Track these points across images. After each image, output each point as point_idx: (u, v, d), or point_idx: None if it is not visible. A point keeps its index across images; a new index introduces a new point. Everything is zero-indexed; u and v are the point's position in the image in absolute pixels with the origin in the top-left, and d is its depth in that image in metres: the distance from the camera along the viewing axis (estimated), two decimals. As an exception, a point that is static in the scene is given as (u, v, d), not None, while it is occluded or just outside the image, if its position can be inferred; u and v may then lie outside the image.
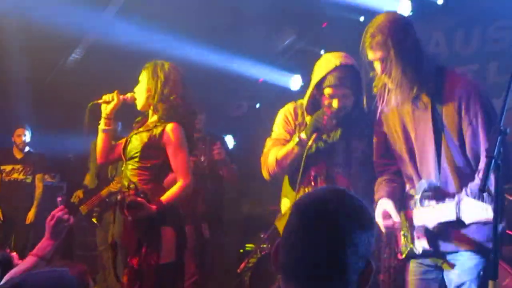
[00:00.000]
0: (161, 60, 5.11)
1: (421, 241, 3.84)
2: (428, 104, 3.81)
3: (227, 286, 7.06)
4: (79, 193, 8.20)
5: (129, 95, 5.07)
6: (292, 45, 9.33)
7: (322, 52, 8.49)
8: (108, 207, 7.87)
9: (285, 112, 4.64)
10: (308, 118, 4.47)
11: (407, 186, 4.06)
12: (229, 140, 9.35)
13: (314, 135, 4.32)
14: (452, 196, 3.69)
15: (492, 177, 2.90)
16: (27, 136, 9.11)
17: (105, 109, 5.06)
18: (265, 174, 4.60)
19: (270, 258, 2.13)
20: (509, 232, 6.45)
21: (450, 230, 3.71)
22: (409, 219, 3.94)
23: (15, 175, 9.09)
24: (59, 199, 8.44)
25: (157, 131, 4.93)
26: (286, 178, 4.62)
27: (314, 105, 4.46)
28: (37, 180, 9.07)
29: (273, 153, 4.50)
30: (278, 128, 4.63)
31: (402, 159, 4.00)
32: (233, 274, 7.24)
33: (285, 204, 4.59)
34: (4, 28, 8.12)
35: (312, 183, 4.41)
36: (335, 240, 1.96)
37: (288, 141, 4.48)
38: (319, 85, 4.40)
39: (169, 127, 4.93)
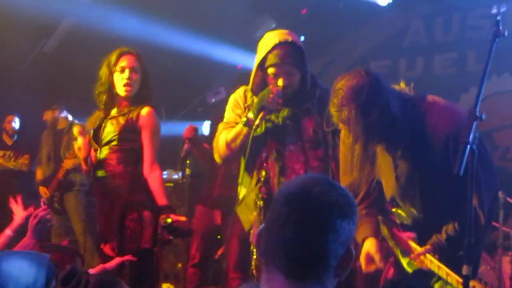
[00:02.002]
0: (129, 45, 5.10)
1: (411, 264, 3.87)
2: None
3: (204, 272, 7.09)
4: (44, 191, 8.26)
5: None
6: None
7: (302, 38, 8.53)
8: (68, 188, 7.93)
9: (235, 96, 4.58)
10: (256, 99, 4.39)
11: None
12: (207, 126, 9.39)
13: (261, 114, 4.24)
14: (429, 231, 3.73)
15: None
16: (16, 123, 9.11)
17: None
18: (217, 158, 4.55)
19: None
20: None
21: None
22: (396, 238, 3.94)
23: (7, 162, 9.09)
24: (43, 199, 8.46)
25: (133, 114, 4.92)
26: (242, 165, 4.54)
27: (262, 86, 4.38)
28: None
29: (223, 136, 4.44)
30: (229, 112, 4.57)
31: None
32: (211, 260, 7.28)
33: (242, 191, 4.52)
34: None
35: (264, 164, 4.37)
36: (316, 226, 1.99)
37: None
38: (262, 65, 4.34)
39: (145, 110, 4.92)
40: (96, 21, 8.21)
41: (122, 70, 4.89)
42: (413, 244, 3.78)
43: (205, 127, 9.17)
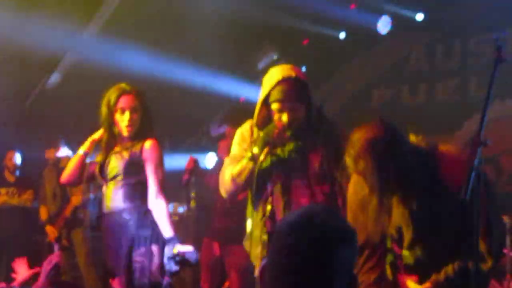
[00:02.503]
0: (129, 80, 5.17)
1: None
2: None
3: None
4: (52, 230, 8.25)
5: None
6: (273, 63, 9.44)
7: (303, 69, 8.59)
8: (76, 225, 7.94)
9: (242, 131, 4.56)
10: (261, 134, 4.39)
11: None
12: (212, 157, 9.44)
13: (265, 149, 4.23)
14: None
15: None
16: (18, 159, 9.11)
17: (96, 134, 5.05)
18: (223, 192, 4.51)
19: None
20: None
21: None
22: (399, 283, 3.95)
23: (11, 199, 9.11)
24: (56, 244, 8.46)
25: (136, 148, 4.97)
26: (249, 199, 4.52)
27: (267, 121, 4.37)
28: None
29: (228, 171, 4.43)
30: (235, 146, 4.55)
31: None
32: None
33: (249, 225, 4.49)
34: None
35: (269, 198, 4.33)
36: (321, 256, 2.04)
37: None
38: (267, 101, 4.32)
39: (148, 143, 4.96)
40: (99, 56, 8.29)
41: (123, 111, 4.91)
42: (413, 285, 3.78)
43: (208, 159, 9.21)
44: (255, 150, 4.29)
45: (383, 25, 8.88)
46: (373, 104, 9.47)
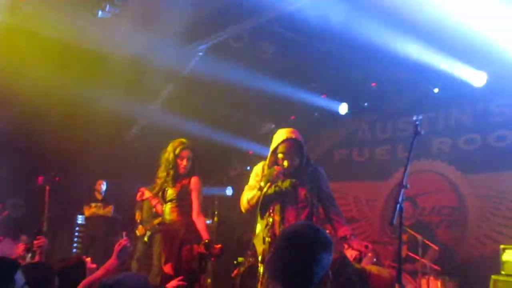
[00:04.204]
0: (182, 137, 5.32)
1: None
2: None
3: (225, 286, 7.07)
4: (141, 229, 8.24)
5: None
6: (271, 130, 9.56)
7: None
8: (158, 231, 7.95)
9: (256, 168, 4.63)
10: None
11: None
12: (229, 190, 9.48)
13: (268, 184, 4.33)
14: None
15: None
16: (104, 185, 9.18)
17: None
18: (242, 209, 4.59)
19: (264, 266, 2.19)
20: (410, 254, 6.59)
21: None
22: None
23: (98, 211, 9.12)
24: (124, 232, 8.41)
25: (185, 182, 5.09)
26: (258, 214, 4.53)
27: (274, 164, 4.48)
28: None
29: (245, 196, 4.51)
30: (251, 178, 4.62)
31: None
32: (229, 278, 7.27)
33: (258, 227, 4.53)
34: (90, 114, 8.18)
35: (271, 214, 4.41)
36: (306, 258, 2.08)
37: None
38: (275, 151, 4.46)
39: (194, 179, 5.11)
40: (161, 120, 8.41)
41: (182, 159, 5.10)
42: None
43: (227, 191, 9.28)
44: (262, 183, 4.38)
45: (342, 109, 9.00)
46: (334, 161, 9.50)
